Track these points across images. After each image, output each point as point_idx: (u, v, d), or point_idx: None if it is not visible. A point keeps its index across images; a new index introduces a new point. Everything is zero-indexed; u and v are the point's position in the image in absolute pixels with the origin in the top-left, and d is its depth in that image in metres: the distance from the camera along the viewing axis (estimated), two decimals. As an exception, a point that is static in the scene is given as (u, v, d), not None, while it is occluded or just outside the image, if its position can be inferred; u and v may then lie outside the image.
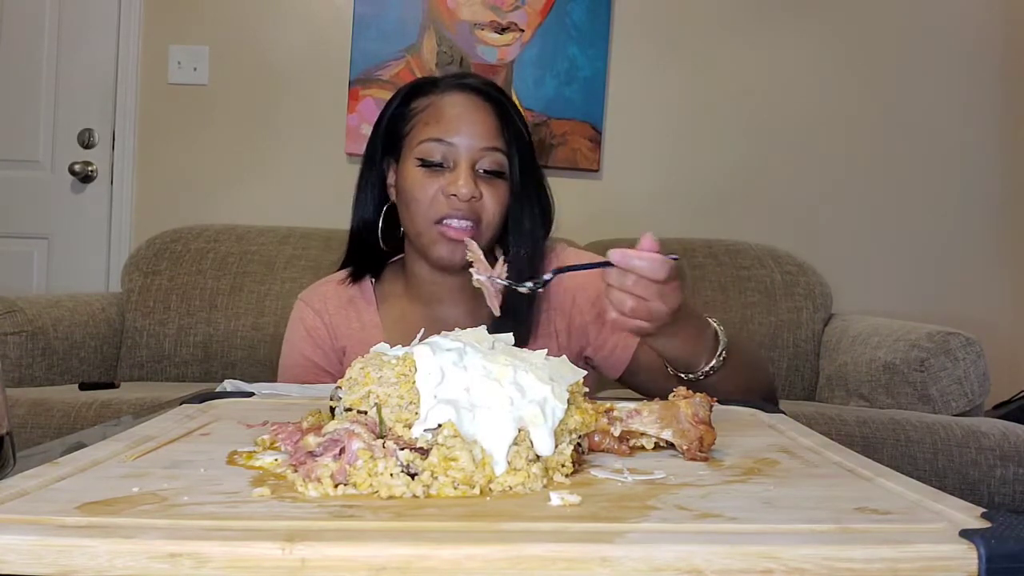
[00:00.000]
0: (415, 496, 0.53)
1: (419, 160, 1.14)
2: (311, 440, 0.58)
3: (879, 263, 2.75)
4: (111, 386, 2.00)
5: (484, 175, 1.14)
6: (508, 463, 0.56)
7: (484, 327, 0.71)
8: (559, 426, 0.61)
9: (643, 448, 0.68)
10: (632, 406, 0.69)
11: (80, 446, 0.64)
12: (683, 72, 2.75)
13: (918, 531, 0.46)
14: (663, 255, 0.87)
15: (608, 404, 0.70)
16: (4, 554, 0.42)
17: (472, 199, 1.11)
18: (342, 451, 0.56)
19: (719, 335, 1.01)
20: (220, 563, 0.41)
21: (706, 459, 0.65)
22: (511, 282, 0.96)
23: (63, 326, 2.11)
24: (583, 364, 1.20)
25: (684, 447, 0.66)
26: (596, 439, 0.67)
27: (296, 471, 0.56)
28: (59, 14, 2.73)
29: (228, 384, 0.99)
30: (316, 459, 0.56)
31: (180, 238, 2.43)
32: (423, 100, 1.17)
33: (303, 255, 2.38)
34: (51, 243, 2.75)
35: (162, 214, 2.64)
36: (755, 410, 0.88)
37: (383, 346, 0.69)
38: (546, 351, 0.69)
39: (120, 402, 1.69)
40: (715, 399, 0.71)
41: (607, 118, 2.73)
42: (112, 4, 2.72)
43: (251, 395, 0.94)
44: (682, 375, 1.02)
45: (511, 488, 0.55)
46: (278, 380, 1.23)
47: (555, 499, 0.52)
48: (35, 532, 0.43)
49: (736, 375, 1.03)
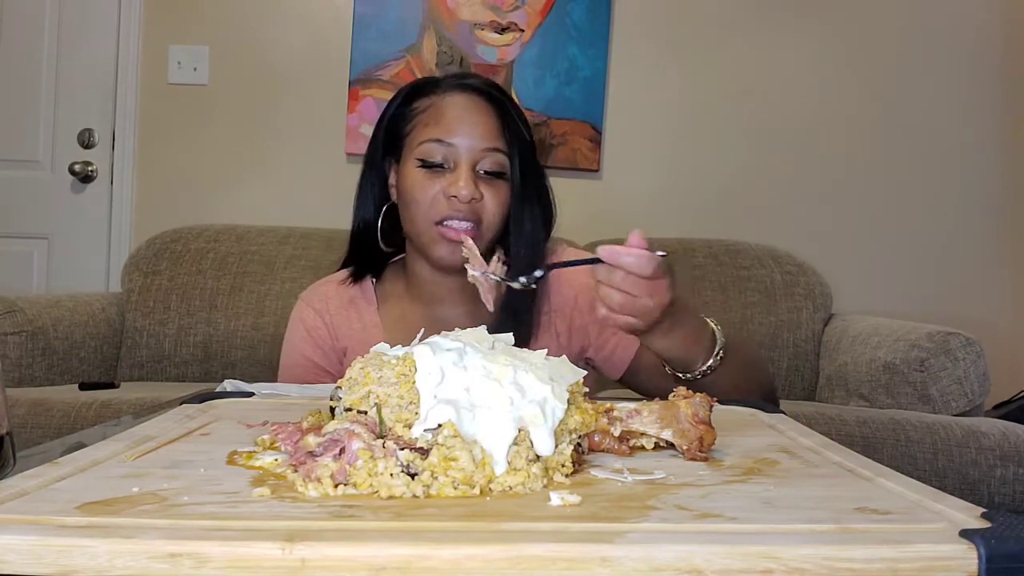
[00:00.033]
0: (415, 496, 0.53)
1: (420, 161, 1.14)
2: (311, 440, 0.58)
3: (879, 263, 2.75)
4: (111, 386, 2.00)
5: (485, 176, 1.13)
6: (508, 463, 0.56)
7: (484, 327, 0.71)
8: (559, 426, 0.61)
9: (643, 448, 0.68)
10: (632, 406, 0.69)
11: (80, 446, 0.64)
12: (683, 72, 2.75)
13: (918, 531, 0.46)
14: (651, 252, 0.88)
15: (608, 404, 0.70)
16: (4, 554, 0.42)
17: (472, 200, 1.11)
18: (342, 451, 0.56)
19: (716, 335, 1.02)
20: (220, 563, 0.41)
21: (706, 459, 0.65)
22: (504, 278, 0.98)
23: (63, 326, 2.11)
24: (584, 365, 1.19)
25: (684, 447, 0.66)
26: (596, 439, 0.67)
27: (296, 471, 0.56)
28: (59, 14, 2.73)
29: (228, 384, 0.99)
30: (316, 459, 0.56)
31: (180, 238, 2.43)
32: (424, 100, 1.17)
33: (303, 255, 2.38)
34: (51, 243, 2.75)
35: (162, 214, 2.64)
36: (755, 410, 0.87)
37: (383, 346, 0.69)
38: (546, 351, 0.69)
39: (120, 402, 1.69)
40: (715, 399, 0.71)
41: (607, 118, 2.73)
42: (112, 4, 2.72)
43: (251, 395, 0.94)
44: (680, 375, 1.03)
45: (511, 488, 0.55)
46: (278, 380, 1.23)
47: (555, 499, 0.52)
48: (35, 532, 0.43)
49: (735, 375, 1.03)
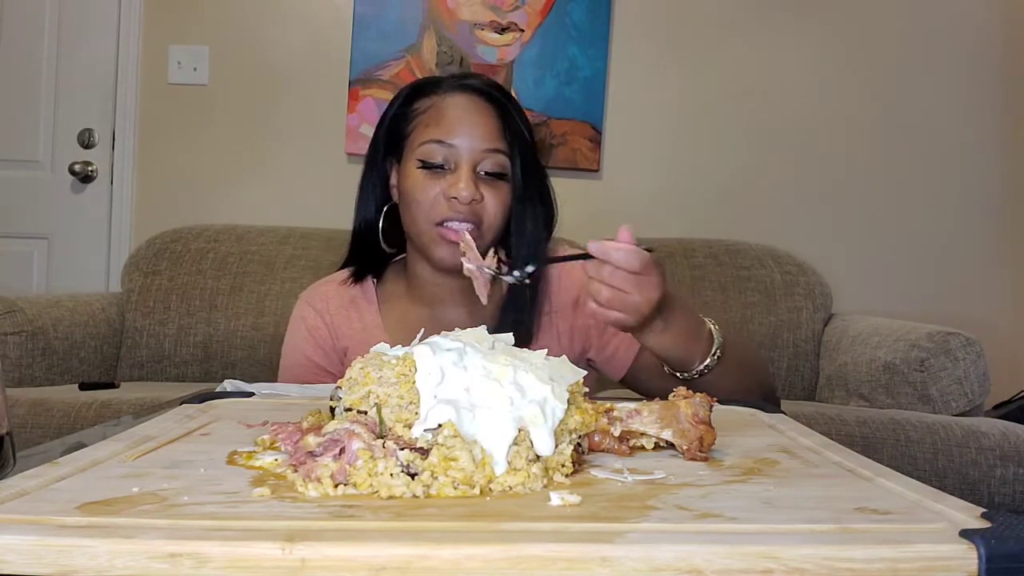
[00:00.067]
0: (415, 496, 0.53)
1: (420, 162, 1.13)
2: (311, 440, 0.58)
3: (879, 263, 2.75)
4: (111, 386, 2.00)
5: (485, 177, 1.13)
6: (508, 463, 0.56)
7: (484, 327, 0.71)
8: (559, 426, 0.61)
9: (643, 448, 0.68)
10: (632, 406, 0.69)
11: (80, 446, 0.64)
12: (683, 72, 2.75)
13: (918, 531, 0.46)
14: (640, 247, 0.89)
15: (608, 404, 0.70)
16: (4, 554, 0.42)
17: (473, 202, 1.11)
18: (342, 451, 0.56)
19: (714, 334, 1.02)
20: (220, 563, 0.41)
21: (706, 459, 0.65)
22: (498, 271, 0.99)
23: (63, 326, 2.11)
24: (585, 366, 1.19)
25: (684, 447, 0.66)
26: (596, 439, 0.67)
27: (296, 471, 0.56)
28: (59, 14, 2.73)
29: (228, 384, 0.99)
30: (316, 459, 0.56)
31: (180, 238, 2.43)
32: (425, 101, 1.17)
33: (303, 255, 2.38)
34: (51, 243, 2.75)
35: (162, 214, 2.64)
36: (755, 410, 0.88)
37: (383, 346, 0.69)
38: (546, 351, 0.69)
39: (120, 402, 1.69)
40: (715, 399, 0.71)
41: (607, 118, 2.72)
42: (112, 4, 2.72)
43: (251, 395, 0.94)
44: (678, 374, 1.03)
45: (511, 488, 0.55)
46: (278, 380, 1.23)
47: (555, 499, 0.52)
48: (35, 532, 0.43)
49: (733, 374, 1.03)
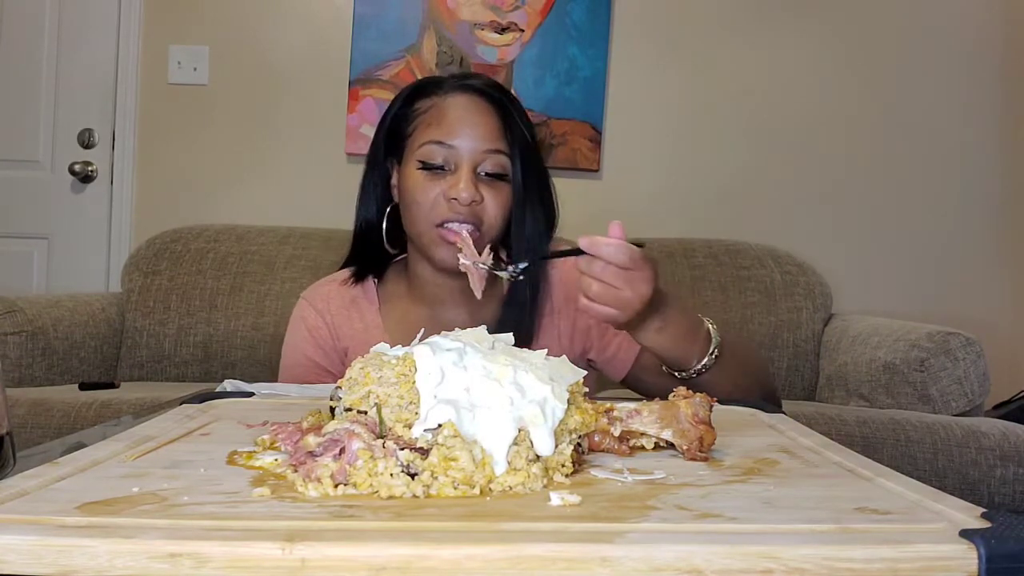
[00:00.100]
0: (415, 496, 0.53)
1: (420, 163, 1.13)
2: (311, 440, 0.58)
3: (879, 263, 2.75)
4: (111, 386, 2.00)
5: (486, 178, 1.13)
6: (508, 463, 0.56)
7: (484, 327, 0.71)
8: (559, 426, 0.61)
9: (643, 448, 0.68)
10: (632, 406, 0.69)
11: (80, 446, 0.64)
12: (683, 72, 2.75)
13: (918, 531, 0.46)
14: (630, 243, 0.89)
15: (608, 404, 0.70)
16: (4, 554, 0.42)
17: (473, 203, 1.10)
18: (342, 451, 0.56)
19: (712, 333, 1.02)
20: (220, 563, 0.41)
21: (706, 459, 0.65)
22: (493, 267, 1.00)
23: (63, 326, 2.11)
24: (586, 366, 1.19)
25: (684, 447, 0.66)
26: (596, 439, 0.67)
27: (296, 471, 0.56)
28: (59, 14, 2.73)
29: (228, 384, 0.99)
30: (316, 459, 0.56)
31: (180, 238, 2.43)
32: (426, 101, 1.16)
33: (303, 255, 2.38)
34: (51, 243, 2.75)
35: (162, 214, 2.64)
36: (755, 410, 0.88)
37: (383, 346, 0.69)
38: (546, 351, 0.69)
39: (120, 402, 1.69)
40: (715, 399, 0.71)
41: (607, 118, 2.72)
42: (112, 4, 2.72)
43: (251, 395, 0.94)
44: (676, 373, 1.03)
45: (511, 488, 0.55)
46: (279, 379, 1.23)
47: (555, 499, 0.52)
48: (35, 532, 0.43)
49: (731, 374, 1.03)
